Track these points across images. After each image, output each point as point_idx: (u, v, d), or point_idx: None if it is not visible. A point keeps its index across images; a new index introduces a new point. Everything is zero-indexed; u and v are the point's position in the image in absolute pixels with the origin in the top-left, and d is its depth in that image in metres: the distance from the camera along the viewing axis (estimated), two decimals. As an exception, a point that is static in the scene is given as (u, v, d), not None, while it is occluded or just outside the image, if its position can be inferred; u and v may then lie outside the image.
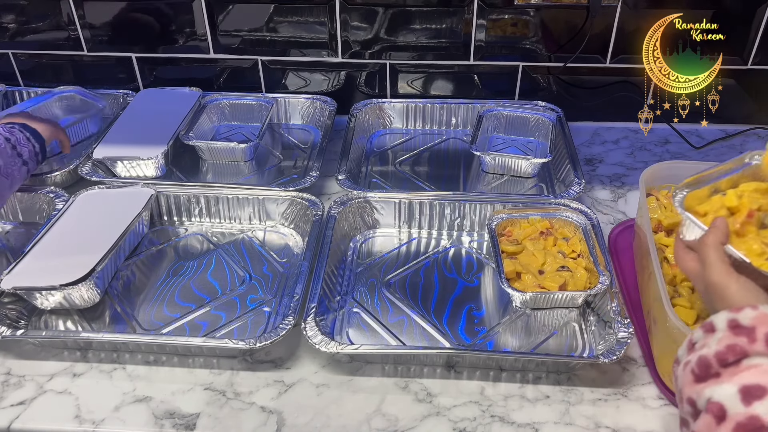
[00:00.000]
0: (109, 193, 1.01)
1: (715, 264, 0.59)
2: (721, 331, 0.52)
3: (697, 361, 0.52)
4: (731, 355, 0.50)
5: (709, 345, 0.52)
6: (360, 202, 1.00)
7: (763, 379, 0.48)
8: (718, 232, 0.61)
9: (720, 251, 0.60)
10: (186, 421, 0.73)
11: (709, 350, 0.51)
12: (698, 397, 0.50)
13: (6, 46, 1.29)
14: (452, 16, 1.18)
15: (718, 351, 0.51)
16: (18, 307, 0.86)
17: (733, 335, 0.51)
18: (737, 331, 0.51)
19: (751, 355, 0.49)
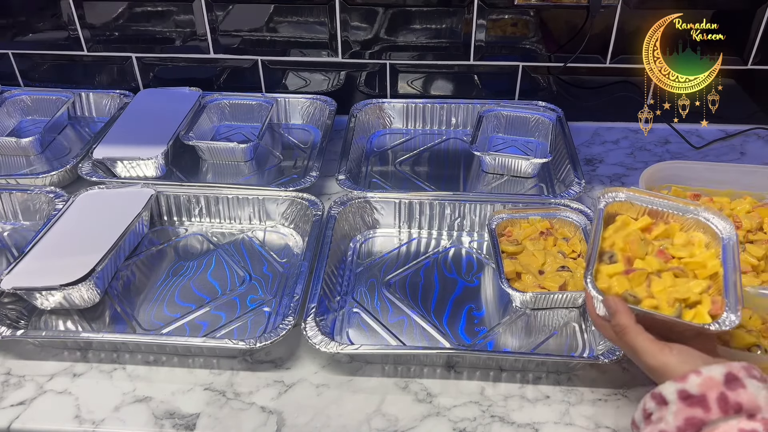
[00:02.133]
0: (109, 193, 1.01)
1: (645, 348, 0.57)
2: (673, 403, 0.52)
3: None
4: (692, 429, 0.50)
5: (666, 420, 0.52)
6: (360, 202, 1.00)
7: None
8: (622, 314, 0.59)
9: (639, 332, 0.58)
10: (186, 421, 0.73)
11: (668, 426, 0.51)
12: None
13: (6, 46, 1.29)
14: (452, 16, 1.18)
15: (678, 426, 0.51)
16: (18, 307, 0.86)
17: (687, 407, 0.51)
18: (689, 402, 0.51)
19: (708, 423, 0.50)
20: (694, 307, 0.60)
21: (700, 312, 0.59)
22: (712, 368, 0.52)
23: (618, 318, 0.59)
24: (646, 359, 0.57)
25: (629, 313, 0.59)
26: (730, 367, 0.52)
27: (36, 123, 1.26)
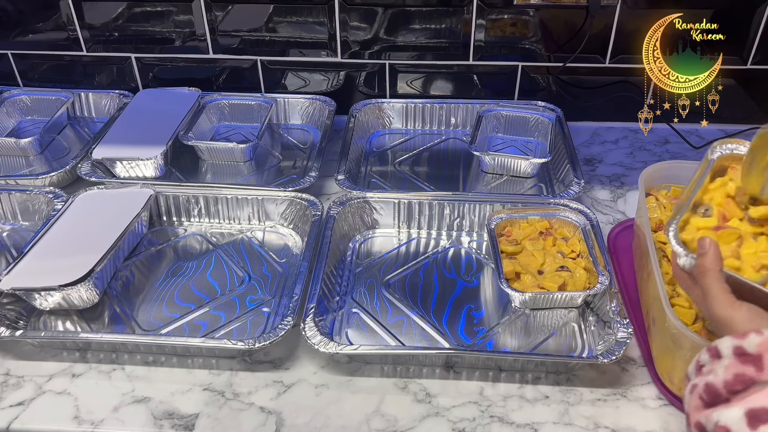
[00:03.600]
0: (108, 193, 1.01)
1: (717, 296, 0.56)
2: (727, 357, 0.51)
3: (704, 387, 0.51)
4: (739, 385, 0.50)
5: (716, 372, 0.51)
6: (359, 203, 1.00)
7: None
8: (710, 257, 0.57)
9: (718, 280, 0.57)
10: (185, 421, 0.73)
11: (717, 378, 0.51)
12: (707, 422, 0.50)
13: (5, 46, 1.29)
14: (452, 16, 1.18)
15: (726, 380, 0.50)
16: (17, 308, 0.86)
17: (740, 363, 0.50)
18: (743, 359, 0.50)
19: (758, 383, 0.49)
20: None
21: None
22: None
23: (705, 259, 0.57)
24: (715, 307, 0.56)
25: (718, 258, 0.57)
26: None
27: (35, 123, 1.26)
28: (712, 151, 0.66)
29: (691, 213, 0.61)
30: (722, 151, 0.65)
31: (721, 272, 0.56)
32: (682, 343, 0.69)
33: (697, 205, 0.62)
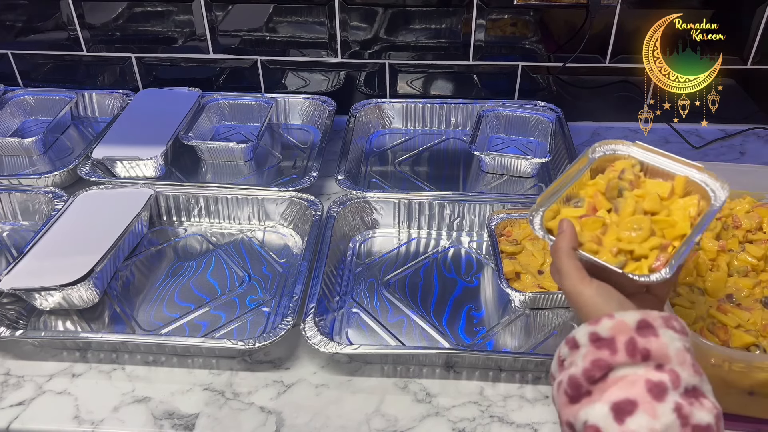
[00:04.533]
0: (109, 193, 1.01)
1: (569, 272, 0.57)
2: (584, 346, 0.51)
3: (567, 381, 0.51)
4: (597, 371, 0.49)
5: (576, 363, 0.51)
6: (359, 203, 1.00)
7: (631, 392, 0.47)
8: (565, 236, 0.59)
9: (571, 257, 0.58)
10: (185, 421, 0.73)
11: (577, 369, 0.50)
12: (575, 420, 0.49)
13: (5, 47, 1.29)
14: (452, 16, 1.18)
15: (585, 368, 0.50)
16: (17, 308, 0.86)
17: (596, 349, 0.50)
18: (599, 344, 0.50)
19: (615, 367, 0.49)
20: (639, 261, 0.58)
21: (641, 266, 0.58)
22: (627, 313, 0.51)
23: (560, 238, 0.59)
24: (567, 283, 0.57)
25: (573, 238, 0.58)
26: (647, 314, 0.51)
27: (39, 123, 1.26)
28: (593, 151, 0.68)
29: (562, 204, 0.63)
30: (603, 152, 0.68)
31: (574, 251, 0.58)
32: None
33: (569, 198, 0.64)
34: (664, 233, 0.60)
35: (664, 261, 0.57)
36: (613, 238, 0.60)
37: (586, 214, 0.62)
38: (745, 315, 0.75)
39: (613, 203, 0.62)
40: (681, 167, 0.64)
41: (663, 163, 0.65)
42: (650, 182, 0.65)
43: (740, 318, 0.74)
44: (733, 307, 0.76)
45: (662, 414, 0.45)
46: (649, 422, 0.45)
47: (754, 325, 0.74)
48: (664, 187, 0.63)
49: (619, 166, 0.66)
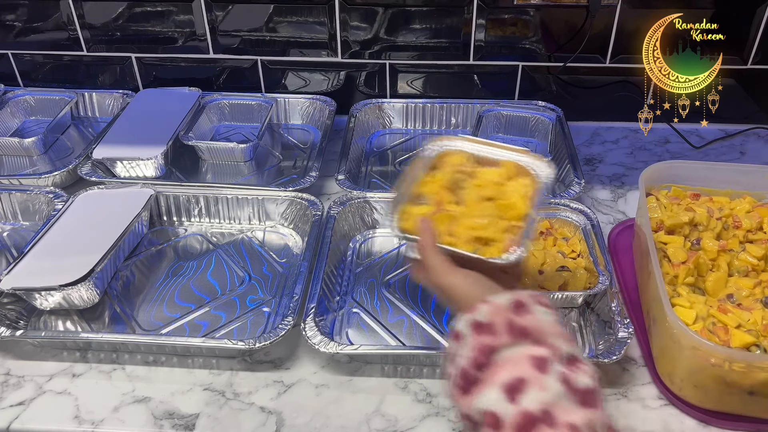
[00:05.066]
0: (109, 193, 1.01)
1: (435, 266, 0.59)
2: (468, 336, 0.52)
3: (458, 373, 0.52)
4: (483, 357, 0.50)
5: (461, 354, 0.52)
6: (359, 202, 1.00)
7: (517, 370, 0.48)
8: (428, 233, 0.62)
9: (436, 252, 0.60)
10: (185, 421, 0.73)
11: (464, 359, 0.51)
12: (472, 411, 0.50)
13: (5, 47, 1.29)
14: (452, 15, 1.18)
15: (471, 357, 0.51)
16: (17, 308, 0.86)
17: (478, 336, 0.51)
18: (480, 330, 0.52)
19: (498, 349, 0.50)
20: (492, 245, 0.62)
21: (494, 249, 0.62)
22: (500, 296, 0.53)
23: (422, 237, 0.62)
24: (436, 277, 0.59)
25: (433, 235, 0.62)
26: (518, 294, 0.53)
27: (39, 123, 1.26)
28: (426, 150, 0.72)
29: (409, 205, 0.67)
30: (435, 149, 0.72)
31: (436, 246, 0.61)
32: (682, 342, 0.69)
33: (415, 197, 0.68)
34: (506, 215, 0.64)
35: (515, 240, 0.61)
36: (464, 228, 0.64)
37: (435, 211, 0.66)
38: (745, 315, 0.75)
39: (457, 195, 0.67)
40: (507, 153, 0.69)
41: (491, 152, 0.70)
42: (484, 171, 0.69)
43: (740, 318, 0.74)
44: (734, 307, 0.76)
45: (550, 385, 0.47)
46: (540, 395, 0.46)
47: (755, 325, 0.74)
48: (497, 174, 0.68)
49: (453, 161, 0.71)
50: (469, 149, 0.71)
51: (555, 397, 0.46)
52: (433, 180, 0.69)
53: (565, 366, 0.49)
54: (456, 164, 0.70)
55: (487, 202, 0.66)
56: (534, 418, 0.45)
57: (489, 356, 0.50)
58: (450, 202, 0.67)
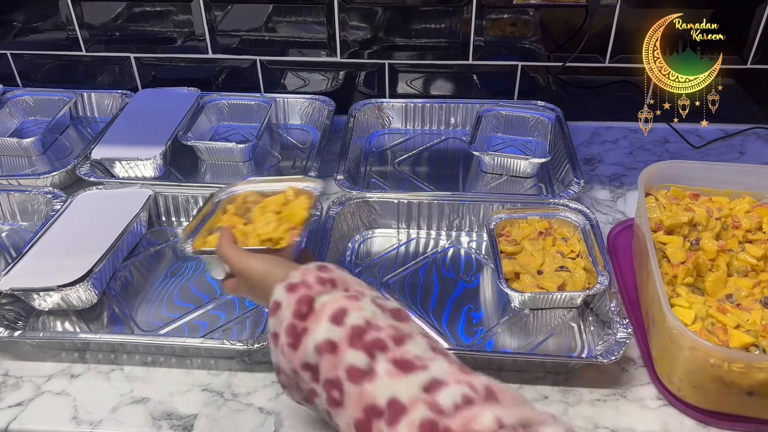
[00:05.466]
0: (107, 193, 1.01)
1: (235, 254, 0.67)
2: (285, 299, 0.57)
3: (286, 331, 0.56)
4: (304, 306, 0.56)
5: (284, 316, 0.56)
6: (358, 203, 1.00)
7: (337, 304, 0.55)
8: (225, 234, 0.71)
9: (233, 246, 0.69)
10: (184, 422, 0.73)
11: (287, 318, 0.56)
12: (306, 356, 0.54)
13: (4, 47, 1.29)
14: (451, 15, 1.18)
15: (294, 310, 0.56)
16: (16, 308, 0.86)
17: (294, 293, 0.57)
18: (295, 288, 0.57)
19: (315, 297, 0.56)
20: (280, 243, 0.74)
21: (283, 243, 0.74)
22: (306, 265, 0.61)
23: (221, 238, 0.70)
24: (238, 264, 0.66)
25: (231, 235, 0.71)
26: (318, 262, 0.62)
27: (38, 123, 1.26)
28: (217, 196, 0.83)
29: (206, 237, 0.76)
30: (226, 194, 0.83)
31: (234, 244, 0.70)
32: (681, 343, 0.69)
33: (211, 231, 0.78)
34: (290, 221, 0.76)
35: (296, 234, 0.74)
36: (254, 237, 0.74)
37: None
38: (744, 315, 0.75)
39: (246, 218, 0.78)
40: (288, 183, 0.82)
41: (274, 186, 0.82)
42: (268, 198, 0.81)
43: (740, 318, 0.74)
44: (733, 307, 0.76)
45: (365, 307, 0.55)
46: (361, 314, 0.54)
47: (754, 325, 0.73)
48: (282, 197, 0.80)
49: (240, 198, 0.82)
50: (254, 189, 0.83)
51: (372, 314, 0.54)
52: (226, 213, 0.80)
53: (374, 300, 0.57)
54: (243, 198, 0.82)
55: (271, 214, 0.78)
56: (361, 329, 0.52)
57: (309, 305, 0.56)
58: (241, 223, 0.78)
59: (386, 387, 0.48)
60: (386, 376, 0.49)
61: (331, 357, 0.52)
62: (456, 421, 0.44)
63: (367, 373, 0.50)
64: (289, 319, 0.56)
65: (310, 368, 0.54)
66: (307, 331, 0.55)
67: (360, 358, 0.50)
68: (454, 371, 0.49)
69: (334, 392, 0.52)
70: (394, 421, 0.46)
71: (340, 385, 0.51)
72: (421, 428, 0.45)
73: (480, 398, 0.46)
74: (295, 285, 0.58)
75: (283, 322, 0.56)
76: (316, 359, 0.53)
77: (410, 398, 0.47)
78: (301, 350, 0.55)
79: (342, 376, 0.51)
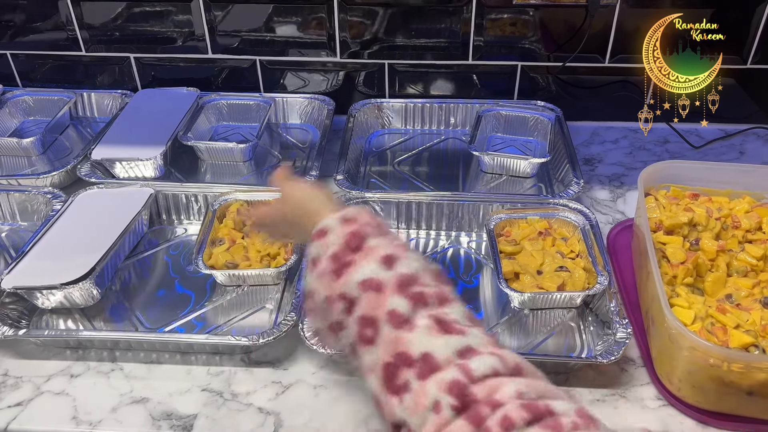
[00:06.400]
0: (109, 192, 1.01)
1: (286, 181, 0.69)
2: (336, 228, 0.58)
3: (329, 258, 0.57)
4: (355, 240, 0.57)
5: (331, 243, 0.58)
6: (358, 203, 0.99)
7: (388, 249, 0.56)
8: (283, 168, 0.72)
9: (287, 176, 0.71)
10: (183, 422, 0.73)
11: (335, 246, 0.57)
12: (346, 287, 0.55)
13: (4, 47, 1.29)
14: (451, 15, 1.18)
15: (343, 242, 0.57)
16: (19, 307, 0.86)
17: (348, 225, 0.58)
18: (349, 222, 0.59)
19: (368, 237, 0.57)
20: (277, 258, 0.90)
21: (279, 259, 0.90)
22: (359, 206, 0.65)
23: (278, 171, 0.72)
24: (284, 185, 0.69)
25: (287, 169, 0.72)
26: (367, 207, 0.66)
27: (38, 123, 1.26)
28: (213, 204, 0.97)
29: (211, 247, 0.91)
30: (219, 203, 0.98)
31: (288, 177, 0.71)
32: (681, 343, 0.69)
33: (213, 242, 0.92)
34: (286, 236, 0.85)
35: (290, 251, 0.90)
36: (254, 252, 0.90)
37: (230, 246, 0.91)
38: (744, 315, 0.75)
39: (243, 232, 0.94)
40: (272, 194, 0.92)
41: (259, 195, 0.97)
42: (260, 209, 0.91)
43: (739, 318, 0.74)
44: (733, 307, 0.76)
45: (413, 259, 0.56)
46: (408, 264, 0.55)
47: (753, 325, 0.73)
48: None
49: (233, 208, 0.97)
50: (244, 198, 0.98)
51: (419, 269, 0.56)
52: (224, 226, 0.95)
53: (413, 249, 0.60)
54: (235, 210, 0.96)
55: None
56: (408, 279, 0.54)
57: (360, 240, 0.57)
58: (239, 237, 0.92)
59: (423, 341, 0.50)
60: (425, 330, 0.50)
61: (375, 296, 0.53)
62: (481, 389, 0.46)
63: (407, 321, 0.51)
64: (337, 248, 0.57)
65: (347, 300, 0.55)
66: (353, 264, 0.56)
67: (404, 305, 0.52)
68: (488, 343, 0.50)
69: (367, 330, 0.52)
70: (424, 375, 0.48)
71: (377, 326, 0.52)
72: (449, 389, 0.46)
73: (507, 372, 0.48)
74: (350, 219, 0.59)
75: (329, 248, 0.57)
76: (357, 293, 0.54)
77: (445, 358, 0.48)
78: (342, 280, 0.55)
79: (381, 318, 0.52)
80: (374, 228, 0.59)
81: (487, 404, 0.45)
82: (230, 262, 0.89)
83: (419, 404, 0.47)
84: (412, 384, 0.48)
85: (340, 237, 0.58)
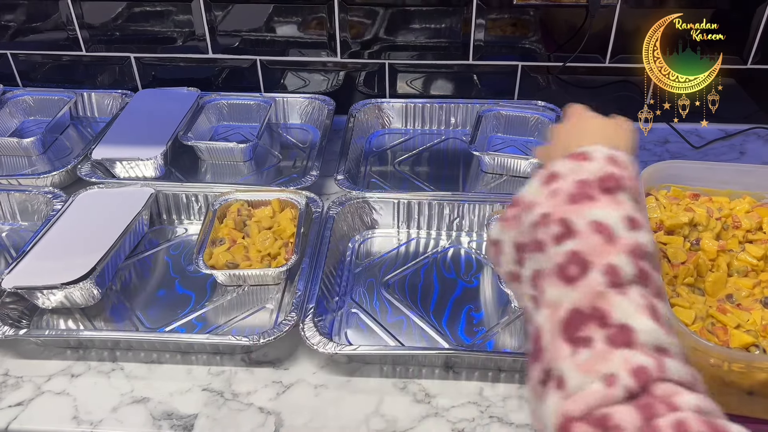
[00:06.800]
0: (109, 192, 1.01)
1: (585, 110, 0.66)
2: (601, 160, 0.54)
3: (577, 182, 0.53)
4: (611, 183, 0.53)
5: (589, 170, 0.53)
6: (358, 203, 1.00)
7: (636, 214, 0.51)
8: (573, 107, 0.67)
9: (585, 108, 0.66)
10: (184, 422, 0.73)
11: (591, 175, 0.53)
12: (577, 217, 0.51)
13: (4, 47, 1.29)
14: (451, 15, 1.18)
15: (602, 177, 0.53)
16: (19, 307, 0.86)
17: (612, 165, 0.54)
18: (616, 165, 0.54)
19: (624, 190, 0.53)
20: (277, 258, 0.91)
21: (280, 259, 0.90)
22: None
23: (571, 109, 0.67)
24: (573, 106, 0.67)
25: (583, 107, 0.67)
26: None
27: (38, 123, 1.26)
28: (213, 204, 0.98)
29: (211, 247, 0.91)
30: (220, 203, 0.98)
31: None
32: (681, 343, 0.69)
33: (214, 242, 0.92)
34: (282, 236, 0.93)
35: (290, 251, 0.90)
36: (255, 252, 0.91)
37: (231, 245, 0.92)
38: (744, 315, 0.75)
39: (244, 232, 0.94)
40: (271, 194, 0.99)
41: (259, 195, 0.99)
42: (258, 210, 0.98)
43: (740, 318, 0.74)
44: (733, 307, 0.76)
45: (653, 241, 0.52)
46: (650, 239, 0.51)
47: (754, 325, 0.73)
48: (268, 211, 0.97)
49: (233, 208, 0.97)
50: (244, 198, 0.99)
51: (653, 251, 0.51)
52: (225, 226, 0.95)
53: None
54: (235, 210, 0.97)
55: (266, 230, 0.93)
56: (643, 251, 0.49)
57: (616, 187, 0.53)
58: (240, 237, 0.93)
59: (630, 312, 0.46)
60: (636, 305, 0.46)
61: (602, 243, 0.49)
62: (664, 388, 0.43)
63: (622, 285, 0.47)
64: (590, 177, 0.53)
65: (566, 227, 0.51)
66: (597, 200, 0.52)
67: (628, 269, 0.48)
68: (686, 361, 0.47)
69: (573, 267, 0.49)
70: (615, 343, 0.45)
71: (587, 270, 0.48)
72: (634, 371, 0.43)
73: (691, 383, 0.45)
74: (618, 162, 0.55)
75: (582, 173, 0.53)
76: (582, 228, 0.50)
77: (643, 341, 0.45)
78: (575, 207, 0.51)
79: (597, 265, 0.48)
80: (633, 185, 0.54)
81: (663, 403, 0.42)
82: (231, 262, 0.89)
83: (593, 367, 0.44)
84: (596, 344, 0.44)
85: (600, 171, 0.53)
